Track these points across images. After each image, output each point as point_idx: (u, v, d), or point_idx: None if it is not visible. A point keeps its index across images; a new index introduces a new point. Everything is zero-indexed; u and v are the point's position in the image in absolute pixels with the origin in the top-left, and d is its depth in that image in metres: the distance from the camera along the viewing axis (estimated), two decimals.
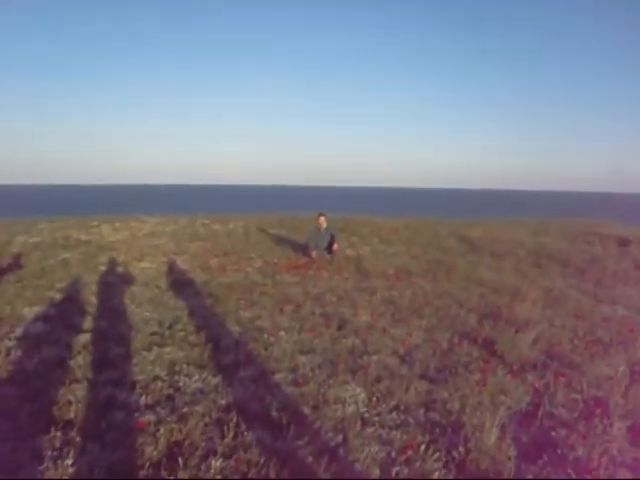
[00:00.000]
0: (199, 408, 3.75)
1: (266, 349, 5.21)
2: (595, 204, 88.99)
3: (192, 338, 5.42)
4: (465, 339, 5.90)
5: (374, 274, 9.08)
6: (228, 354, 5.01)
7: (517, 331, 6.02)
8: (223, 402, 3.97)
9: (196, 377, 4.43)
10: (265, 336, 5.62)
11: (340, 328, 5.99)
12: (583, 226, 18.17)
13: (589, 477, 3.24)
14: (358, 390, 4.34)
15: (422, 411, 4.06)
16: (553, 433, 3.84)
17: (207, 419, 3.67)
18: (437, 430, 3.75)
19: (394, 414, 3.99)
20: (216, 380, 4.39)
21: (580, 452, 3.51)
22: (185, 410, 3.76)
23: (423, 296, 7.90)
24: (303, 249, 11.08)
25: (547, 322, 6.62)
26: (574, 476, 3.26)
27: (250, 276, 8.77)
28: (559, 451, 3.56)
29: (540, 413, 4.13)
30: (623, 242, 14.62)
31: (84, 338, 5.34)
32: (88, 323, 5.87)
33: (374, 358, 5.13)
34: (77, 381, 4.23)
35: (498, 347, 5.54)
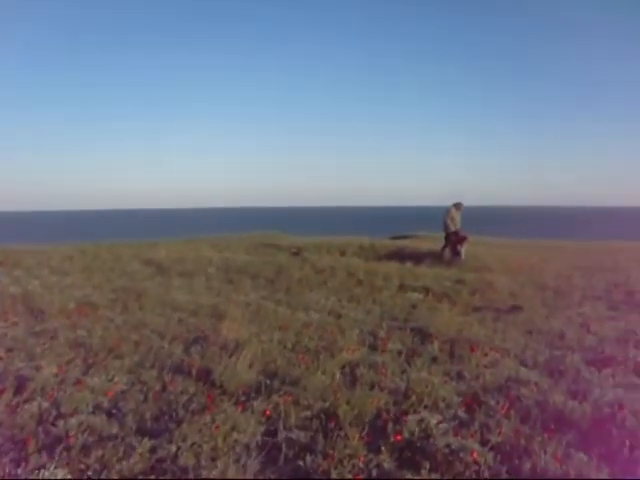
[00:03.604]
0: None
1: None
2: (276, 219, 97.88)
3: None
4: (177, 374, 5.36)
5: (51, 313, 7.68)
6: None
7: (230, 355, 5.75)
8: None
9: None
10: None
11: (19, 390, 4.72)
12: (261, 238, 19.43)
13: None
14: (60, 474, 3.36)
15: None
16: (300, 462, 3.63)
17: None
18: None
19: None
20: None
21: (334, 476, 3.37)
22: None
23: (116, 331, 6.99)
24: None
25: (256, 339, 6.54)
26: None
27: None
28: None
29: (281, 441, 3.89)
30: (295, 251, 16.11)
31: None
32: None
33: (73, 421, 4.13)
34: None
35: (215, 377, 5.17)
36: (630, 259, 14.75)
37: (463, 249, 14.20)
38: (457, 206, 14.83)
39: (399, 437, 3.96)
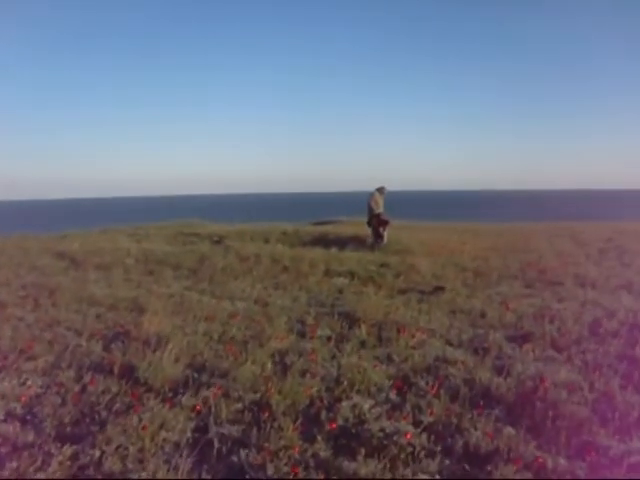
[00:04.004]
0: None
1: None
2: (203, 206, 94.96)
3: None
4: (97, 373, 5.06)
5: None
6: None
7: (154, 350, 5.51)
8: None
9: None
10: None
11: None
12: (180, 227, 18.84)
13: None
14: None
15: None
16: (234, 458, 3.52)
17: None
18: None
19: None
20: None
21: (270, 472, 3.28)
22: None
23: (27, 330, 6.52)
24: None
25: (180, 331, 6.31)
26: None
27: None
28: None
29: (212, 437, 3.76)
30: (217, 239, 15.71)
31: None
32: None
33: None
34: None
35: (140, 373, 4.93)
36: (540, 240, 15.55)
37: (385, 233, 14.44)
38: (380, 190, 15.07)
39: (334, 425, 3.93)
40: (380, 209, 14.69)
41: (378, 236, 14.40)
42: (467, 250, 13.25)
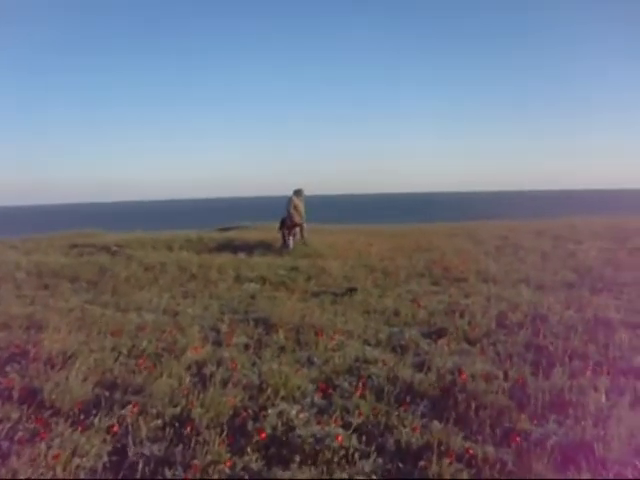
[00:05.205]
0: None
1: None
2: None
3: None
4: None
5: None
6: None
7: (59, 369, 5.10)
8: None
9: None
10: None
11: None
12: (74, 238, 17.72)
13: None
14: None
15: None
16: (159, 478, 3.30)
17: None
18: None
19: None
20: None
21: None
22: None
23: None
24: None
25: (85, 348, 5.90)
26: None
27: None
28: None
29: (132, 459, 3.51)
30: (116, 249, 14.93)
31: None
32: None
33: None
34: None
35: (44, 396, 4.54)
36: (440, 239, 16.21)
37: (292, 237, 14.36)
38: (298, 193, 14.67)
39: (262, 434, 3.81)
40: (302, 214, 14.26)
41: (284, 241, 14.29)
42: (374, 251, 13.56)
